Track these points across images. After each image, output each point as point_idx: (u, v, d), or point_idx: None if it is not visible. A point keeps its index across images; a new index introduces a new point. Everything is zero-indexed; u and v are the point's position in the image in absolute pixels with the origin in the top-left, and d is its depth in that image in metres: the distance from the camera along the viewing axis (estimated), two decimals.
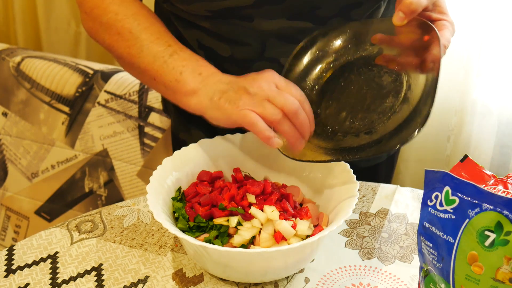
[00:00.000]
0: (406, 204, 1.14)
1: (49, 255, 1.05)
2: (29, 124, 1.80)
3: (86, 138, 1.77)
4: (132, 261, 1.03)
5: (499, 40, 1.68)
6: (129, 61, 1.09)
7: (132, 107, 1.72)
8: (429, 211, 0.86)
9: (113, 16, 1.10)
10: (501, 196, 0.79)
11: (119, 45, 1.09)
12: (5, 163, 1.84)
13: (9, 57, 1.83)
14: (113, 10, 1.10)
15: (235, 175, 1.07)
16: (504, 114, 1.74)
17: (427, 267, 0.88)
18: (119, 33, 1.09)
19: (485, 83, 1.73)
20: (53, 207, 1.83)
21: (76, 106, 1.76)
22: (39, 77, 1.78)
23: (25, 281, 1.00)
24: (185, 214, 1.01)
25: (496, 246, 0.80)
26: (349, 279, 1.00)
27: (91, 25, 1.14)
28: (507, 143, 1.75)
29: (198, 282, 1.00)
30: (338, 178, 1.04)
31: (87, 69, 1.78)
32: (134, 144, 1.74)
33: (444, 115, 1.82)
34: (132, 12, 1.09)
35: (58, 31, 2.19)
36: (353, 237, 1.08)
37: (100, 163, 1.77)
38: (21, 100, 1.80)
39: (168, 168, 1.04)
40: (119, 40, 1.09)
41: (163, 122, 1.71)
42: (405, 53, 1.01)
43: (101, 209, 1.13)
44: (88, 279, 1.00)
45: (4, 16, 2.24)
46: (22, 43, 2.23)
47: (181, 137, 1.34)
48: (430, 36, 0.98)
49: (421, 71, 0.98)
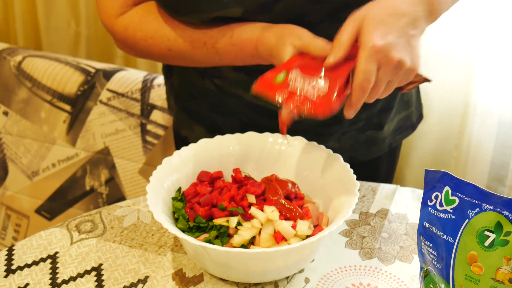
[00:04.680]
0: (406, 204, 1.14)
1: (49, 255, 1.05)
2: (30, 123, 1.80)
3: (87, 136, 1.77)
4: (132, 261, 1.03)
5: (499, 41, 1.67)
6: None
7: (134, 105, 1.72)
8: (429, 211, 0.86)
9: (144, 43, 1.13)
10: (501, 196, 0.79)
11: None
12: (5, 162, 1.84)
13: (10, 56, 1.83)
14: (142, 36, 1.12)
15: (235, 175, 1.06)
16: (505, 114, 1.74)
17: (427, 267, 0.88)
18: (160, 56, 1.14)
19: (486, 84, 1.73)
20: (54, 206, 1.83)
21: (77, 104, 1.76)
22: (41, 76, 1.78)
23: (25, 281, 1.00)
24: (185, 214, 1.00)
25: (496, 246, 0.80)
26: (349, 279, 1.00)
27: (128, 51, 1.19)
28: (508, 143, 1.75)
29: (198, 282, 1.00)
30: (338, 178, 1.04)
31: (89, 68, 1.78)
32: (136, 142, 1.74)
33: (446, 116, 1.82)
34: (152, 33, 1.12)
35: (58, 31, 2.19)
36: (353, 237, 1.08)
37: (101, 161, 1.77)
38: (22, 99, 1.80)
39: (168, 168, 1.04)
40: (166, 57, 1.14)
41: (165, 120, 1.71)
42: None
43: (101, 209, 1.13)
44: (88, 279, 1.00)
45: (4, 16, 2.23)
46: (22, 43, 2.22)
47: (183, 134, 1.34)
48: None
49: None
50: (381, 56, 0.91)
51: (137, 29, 1.12)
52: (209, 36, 1.08)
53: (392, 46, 0.91)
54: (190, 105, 1.30)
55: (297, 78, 0.94)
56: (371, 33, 0.91)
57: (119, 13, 1.13)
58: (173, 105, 1.37)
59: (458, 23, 1.69)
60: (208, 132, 1.27)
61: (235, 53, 1.07)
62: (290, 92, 0.93)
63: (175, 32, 1.09)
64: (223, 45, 1.07)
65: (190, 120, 1.31)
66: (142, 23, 1.12)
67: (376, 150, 1.31)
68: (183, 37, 1.09)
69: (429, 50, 1.74)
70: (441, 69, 1.76)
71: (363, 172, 1.08)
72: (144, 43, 1.12)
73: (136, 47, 1.15)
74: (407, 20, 0.94)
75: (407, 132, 1.35)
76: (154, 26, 1.11)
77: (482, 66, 1.70)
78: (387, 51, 0.91)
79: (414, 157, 1.90)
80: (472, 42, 1.70)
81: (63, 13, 2.15)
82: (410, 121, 1.35)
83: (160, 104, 1.71)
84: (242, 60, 1.08)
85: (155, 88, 1.72)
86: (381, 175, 1.36)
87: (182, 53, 1.11)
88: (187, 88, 1.29)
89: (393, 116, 1.29)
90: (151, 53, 1.14)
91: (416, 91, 1.36)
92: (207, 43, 1.08)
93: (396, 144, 1.36)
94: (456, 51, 1.73)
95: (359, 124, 1.24)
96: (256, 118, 1.21)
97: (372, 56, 0.90)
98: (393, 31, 0.92)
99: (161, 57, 1.14)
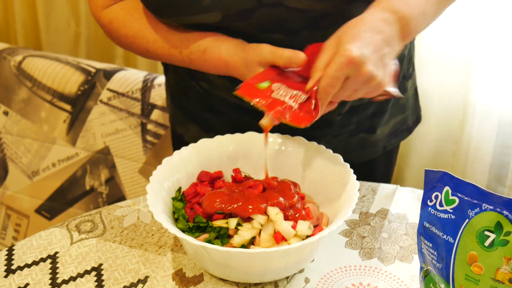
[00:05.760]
0: (406, 204, 1.14)
1: (49, 255, 1.05)
2: (30, 122, 1.80)
3: (87, 136, 1.77)
4: (132, 261, 1.03)
5: (499, 41, 1.67)
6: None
7: (134, 104, 1.72)
8: (429, 211, 0.86)
9: (125, 39, 1.16)
10: (501, 196, 0.79)
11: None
12: (5, 162, 1.84)
13: (11, 56, 1.83)
14: (125, 33, 1.15)
15: (235, 175, 1.06)
16: (505, 114, 1.74)
17: (427, 267, 0.88)
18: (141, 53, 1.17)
19: (485, 84, 1.73)
20: (54, 205, 1.83)
21: (78, 104, 1.76)
22: (41, 75, 1.78)
23: (25, 281, 1.00)
24: (185, 214, 1.00)
25: (496, 246, 0.80)
26: (349, 279, 1.00)
27: (115, 42, 1.22)
28: (508, 143, 1.75)
29: (198, 282, 1.00)
30: (338, 178, 1.04)
31: (89, 68, 1.78)
32: (136, 141, 1.74)
33: (445, 116, 1.82)
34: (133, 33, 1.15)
35: (58, 31, 2.19)
36: (353, 237, 1.08)
37: (102, 160, 1.77)
38: (22, 98, 1.80)
39: (168, 168, 1.04)
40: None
41: (165, 119, 1.71)
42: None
43: (101, 209, 1.13)
44: (88, 279, 1.00)
45: (4, 16, 2.24)
46: (22, 42, 2.23)
47: (178, 132, 1.35)
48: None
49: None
50: (353, 67, 0.92)
51: (121, 25, 1.15)
52: (185, 46, 1.10)
53: (365, 59, 0.93)
54: (184, 103, 1.31)
55: (280, 88, 0.99)
56: (347, 44, 0.93)
57: (105, 5, 1.16)
58: (169, 103, 1.38)
59: (457, 24, 1.69)
60: (202, 131, 1.28)
61: (207, 67, 1.10)
62: (273, 100, 0.97)
63: (155, 36, 1.13)
64: (197, 57, 1.10)
65: (184, 118, 1.32)
66: (126, 19, 1.15)
67: (370, 153, 1.31)
68: (162, 42, 1.12)
69: (429, 51, 1.74)
70: (440, 69, 1.76)
71: (358, 174, 1.08)
72: (125, 40, 1.16)
73: (119, 41, 1.18)
74: (382, 38, 0.96)
75: (402, 135, 1.36)
76: (137, 26, 1.14)
77: (482, 66, 1.70)
78: (360, 63, 0.92)
79: (414, 157, 1.90)
80: (471, 42, 1.70)
81: (63, 13, 2.15)
82: (406, 124, 1.35)
83: (160, 103, 1.71)
84: (216, 73, 1.11)
85: (155, 87, 1.72)
86: (378, 177, 1.36)
87: (159, 56, 1.14)
88: (181, 86, 1.29)
89: (387, 119, 1.29)
90: (131, 49, 1.18)
91: (414, 94, 1.36)
92: (183, 53, 1.11)
93: (392, 147, 1.36)
94: (455, 51, 1.73)
95: (350, 127, 1.25)
96: (245, 119, 1.21)
97: (345, 65, 0.92)
98: (368, 46, 0.94)
99: (141, 55, 1.18)
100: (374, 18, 0.97)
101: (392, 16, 0.98)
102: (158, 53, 1.14)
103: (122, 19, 1.15)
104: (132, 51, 1.20)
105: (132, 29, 1.14)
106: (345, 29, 0.96)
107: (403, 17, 0.99)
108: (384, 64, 0.96)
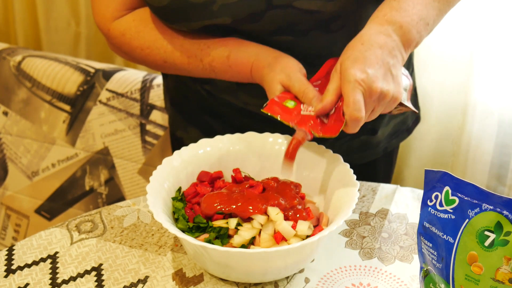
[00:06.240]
0: (406, 204, 1.14)
1: (49, 255, 1.05)
2: (29, 123, 1.80)
3: (87, 136, 1.77)
4: (132, 261, 1.03)
5: (499, 41, 1.67)
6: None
7: (134, 105, 1.72)
8: (429, 211, 0.86)
9: (140, 51, 1.13)
10: (501, 196, 0.79)
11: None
12: (5, 162, 1.84)
13: (10, 56, 1.83)
14: (139, 45, 1.13)
15: (235, 175, 1.06)
16: (505, 114, 1.74)
17: (427, 267, 0.88)
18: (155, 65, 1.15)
19: (485, 84, 1.73)
20: (53, 206, 1.83)
21: (77, 104, 1.76)
22: (40, 76, 1.78)
23: (25, 281, 1.00)
24: (185, 214, 1.00)
25: (496, 246, 0.80)
26: (349, 279, 1.00)
27: (122, 55, 1.19)
28: (508, 143, 1.75)
29: (198, 282, 1.00)
30: (338, 178, 1.04)
31: (89, 68, 1.78)
32: (135, 142, 1.74)
33: (445, 115, 1.82)
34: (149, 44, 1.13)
35: (58, 31, 2.19)
36: (353, 237, 1.08)
37: (101, 161, 1.77)
38: (22, 99, 1.80)
39: (168, 168, 1.04)
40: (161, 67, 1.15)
41: (164, 120, 1.71)
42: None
43: (101, 209, 1.13)
44: (88, 279, 1.00)
45: (4, 16, 2.24)
46: (22, 43, 2.23)
47: (178, 135, 1.35)
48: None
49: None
50: (364, 88, 0.93)
51: (134, 37, 1.12)
52: (206, 54, 1.08)
53: (373, 78, 0.93)
54: (184, 107, 1.30)
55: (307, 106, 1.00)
56: (350, 70, 0.93)
57: (115, 16, 1.13)
58: (168, 106, 1.37)
59: (457, 24, 1.69)
60: (202, 134, 1.27)
61: (231, 73, 1.09)
62: (302, 116, 0.99)
63: (172, 45, 1.10)
64: (220, 64, 1.08)
65: (184, 121, 1.32)
66: (139, 31, 1.12)
67: (371, 154, 1.31)
68: (180, 51, 1.10)
69: (429, 50, 1.74)
70: (440, 69, 1.76)
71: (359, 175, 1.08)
72: (140, 52, 1.13)
73: (132, 54, 1.15)
74: (384, 51, 0.96)
75: (402, 136, 1.36)
76: (152, 37, 1.11)
77: (482, 66, 1.70)
78: (369, 83, 0.93)
79: (414, 157, 1.90)
80: (471, 42, 1.70)
81: (63, 13, 2.15)
82: (406, 125, 1.35)
83: (159, 104, 1.71)
84: (238, 80, 1.10)
85: (154, 88, 1.72)
86: (378, 178, 1.36)
87: (178, 66, 1.12)
88: (181, 90, 1.29)
89: (387, 121, 1.29)
90: (146, 62, 1.15)
91: (413, 94, 1.36)
92: (204, 61, 1.09)
93: (392, 148, 1.36)
94: (455, 51, 1.73)
95: None
96: (247, 122, 1.21)
97: (356, 88, 0.93)
98: (371, 64, 0.94)
99: (156, 66, 1.15)
100: (372, 34, 0.98)
101: (390, 27, 0.98)
102: (177, 63, 1.11)
103: (135, 30, 1.12)
104: (145, 64, 1.16)
105: (147, 40, 1.11)
106: (346, 53, 0.97)
107: (402, 25, 0.99)
108: (393, 75, 0.97)
